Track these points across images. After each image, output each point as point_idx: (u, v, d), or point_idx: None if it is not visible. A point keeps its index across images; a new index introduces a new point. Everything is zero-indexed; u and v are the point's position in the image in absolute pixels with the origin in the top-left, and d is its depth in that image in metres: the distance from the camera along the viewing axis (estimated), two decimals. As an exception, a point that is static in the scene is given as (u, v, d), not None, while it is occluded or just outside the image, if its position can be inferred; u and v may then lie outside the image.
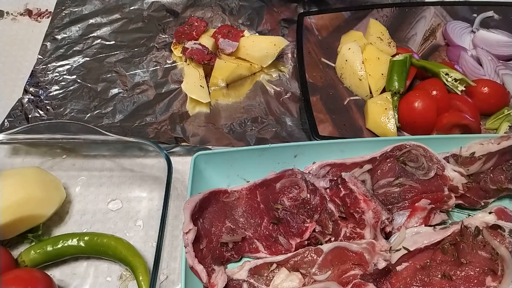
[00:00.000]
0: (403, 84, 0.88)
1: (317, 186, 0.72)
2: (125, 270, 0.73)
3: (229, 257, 0.71)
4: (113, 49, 1.02)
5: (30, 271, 0.67)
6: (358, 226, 0.70)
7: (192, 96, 0.93)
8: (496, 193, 0.76)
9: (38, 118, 0.90)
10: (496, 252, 0.65)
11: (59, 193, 0.77)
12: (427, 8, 1.04)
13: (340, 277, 0.65)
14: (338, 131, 0.87)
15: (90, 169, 0.85)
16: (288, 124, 0.90)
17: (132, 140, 0.77)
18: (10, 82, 1.00)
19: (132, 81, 0.97)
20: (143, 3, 1.10)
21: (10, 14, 1.13)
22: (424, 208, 0.72)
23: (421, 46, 1.02)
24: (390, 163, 0.76)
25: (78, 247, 0.71)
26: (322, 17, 1.02)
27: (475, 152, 0.75)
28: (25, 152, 0.87)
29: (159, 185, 0.82)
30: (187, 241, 0.65)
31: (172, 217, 0.78)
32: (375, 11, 1.03)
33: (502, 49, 0.97)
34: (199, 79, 0.94)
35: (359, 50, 0.93)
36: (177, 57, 1.01)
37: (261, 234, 0.73)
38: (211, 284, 0.65)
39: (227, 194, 0.75)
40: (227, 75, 0.94)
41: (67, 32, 1.05)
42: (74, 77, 0.97)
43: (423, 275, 0.67)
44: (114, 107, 0.92)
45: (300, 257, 0.68)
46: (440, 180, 0.73)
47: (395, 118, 0.86)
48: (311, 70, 0.95)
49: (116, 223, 0.79)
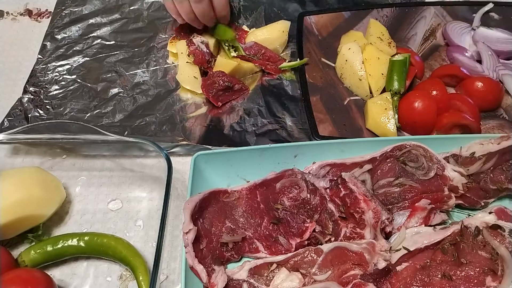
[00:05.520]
0: (403, 84, 0.88)
1: (317, 186, 0.72)
2: (125, 270, 0.73)
3: (229, 257, 0.71)
4: (113, 49, 1.02)
5: (30, 271, 0.67)
6: (358, 226, 0.70)
7: (186, 86, 0.93)
8: (496, 193, 0.76)
9: (38, 118, 0.90)
10: (496, 252, 0.65)
11: (59, 193, 0.77)
12: (427, 8, 1.04)
13: (340, 277, 0.65)
14: (338, 131, 0.87)
15: (90, 169, 0.85)
16: (288, 124, 0.90)
17: (132, 140, 0.77)
18: (10, 82, 1.00)
19: (132, 81, 0.97)
20: (143, 3, 1.10)
21: (10, 14, 1.13)
22: (424, 208, 0.72)
23: (421, 46, 1.02)
24: (390, 163, 0.76)
25: (78, 247, 0.71)
26: (322, 17, 1.02)
27: (475, 152, 0.75)
28: (25, 152, 0.87)
29: (159, 185, 0.82)
30: (187, 241, 0.65)
31: (172, 217, 0.78)
32: (375, 11, 1.03)
33: (502, 46, 0.97)
34: (194, 70, 0.94)
35: (359, 50, 0.93)
36: (173, 54, 1.01)
37: (261, 234, 0.73)
38: (211, 284, 0.65)
39: (227, 194, 0.75)
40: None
41: (67, 32, 1.05)
42: (74, 77, 0.97)
43: (423, 275, 0.67)
44: (114, 107, 0.92)
45: (300, 257, 0.68)
46: (440, 180, 0.73)
47: (395, 118, 0.86)
48: (311, 70, 0.95)
49: (116, 223, 0.79)
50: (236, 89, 0.93)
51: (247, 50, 0.96)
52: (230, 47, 0.97)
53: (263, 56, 0.97)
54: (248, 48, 0.97)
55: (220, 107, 0.93)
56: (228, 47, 0.97)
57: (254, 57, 0.97)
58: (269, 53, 0.97)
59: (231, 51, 0.96)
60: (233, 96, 0.94)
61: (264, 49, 0.97)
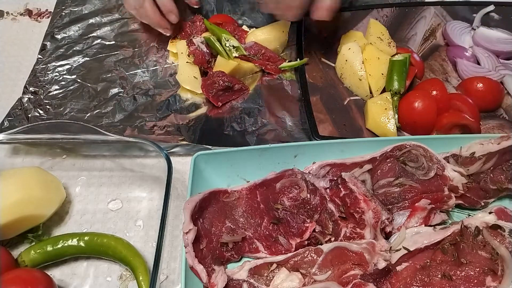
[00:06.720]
0: (403, 84, 0.88)
1: (317, 186, 0.72)
2: (125, 270, 0.73)
3: (229, 257, 0.71)
4: (113, 49, 1.02)
5: (30, 271, 0.67)
6: (358, 226, 0.70)
7: (186, 86, 0.93)
8: (496, 193, 0.76)
9: (38, 118, 0.90)
10: (496, 252, 0.65)
11: (59, 193, 0.77)
12: (427, 8, 1.04)
13: (340, 277, 0.65)
14: (338, 131, 0.87)
15: (90, 169, 0.85)
16: (288, 124, 0.90)
17: (132, 140, 0.77)
18: (10, 82, 1.00)
19: (132, 81, 0.97)
20: (143, 3, 1.10)
21: (10, 14, 1.13)
22: (424, 208, 0.72)
23: (421, 46, 1.02)
24: (390, 163, 0.76)
25: (78, 247, 0.71)
26: (322, 17, 1.02)
27: (475, 152, 0.75)
28: (25, 152, 0.87)
29: (159, 185, 0.82)
30: (187, 241, 0.65)
31: (172, 217, 0.78)
32: (375, 11, 1.03)
33: (502, 46, 0.97)
34: (194, 70, 0.94)
35: (359, 50, 0.93)
36: (173, 54, 1.01)
37: (261, 234, 0.73)
38: (211, 284, 0.65)
39: (227, 194, 0.75)
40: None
41: (67, 31, 1.05)
42: (74, 76, 0.97)
43: (423, 275, 0.67)
44: (114, 107, 0.92)
45: (300, 257, 0.68)
46: (440, 180, 0.73)
47: (395, 118, 0.86)
48: (311, 70, 0.95)
49: (116, 223, 0.79)
50: (236, 89, 0.93)
51: (247, 50, 0.96)
52: (231, 47, 0.97)
53: (263, 56, 0.97)
54: (248, 48, 0.97)
55: (220, 107, 0.93)
56: (229, 47, 0.97)
57: (254, 57, 0.96)
58: (269, 53, 0.97)
59: (232, 51, 0.97)
60: (233, 96, 0.94)
61: (264, 49, 0.97)
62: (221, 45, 0.94)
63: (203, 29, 1.00)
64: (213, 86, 0.90)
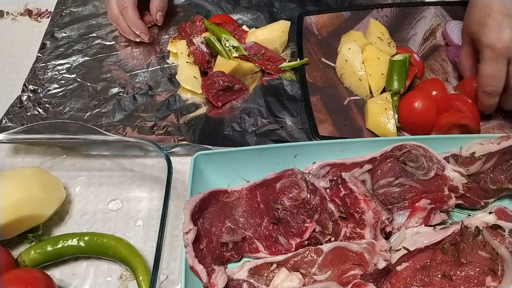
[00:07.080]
0: (403, 84, 0.88)
1: (317, 186, 0.72)
2: (125, 270, 0.73)
3: (229, 257, 0.71)
4: (113, 49, 1.02)
5: (30, 271, 0.67)
6: (358, 226, 0.70)
7: (186, 86, 0.93)
8: (496, 193, 0.76)
9: (37, 116, 0.90)
10: (496, 252, 0.65)
11: (59, 193, 0.77)
12: (427, 8, 1.04)
13: (340, 277, 0.65)
14: (338, 131, 0.87)
15: (90, 169, 0.85)
16: (288, 124, 0.90)
17: (132, 140, 0.77)
18: (10, 82, 1.00)
19: (132, 81, 0.97)
20: (143, 3, 1.11)
21: (10, 14, 1.13)
22: (424, 208, 0.72)
23: (421, 46, 1.02)
24: (390, 163, 0.76)
25: (78, 247, 0.71)
26: (322, 17, 1.02)
27: (475, 152, 0.75)
28: (25, 152, 0.87)
29: (159, 185, 0.82)
30: (187, 241, 0.65)
31: (172, 217, 0.78)
32: (375, 11, 1.03)
33: None
34: (194, 70, 0.94)
35: (359, 50, 0.93)
36: (173, 54, 1.00)
37: (261, 234, 0.73)
38: (211, 284, 0.65)
39: (227, 194, 0.75)
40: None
41: (67, 31, 1.05)
42: (74, 76, 0.97)
43: (423, 275, 0.67)
44: (113, 107, 0.92)
45: (300, 257, 0.68)
46: (440, 180, 0.73)
47: (395, 118, 0.86)
48: (311, 70, 0.95)
49: (116, 223, 0.79)
50: (236, 89, 0.93)
51: (247, 50, 0.96)
52: (231, 47, 0.97)
53: (263, 56, 0.97)
54: (248, 48, 0.97)
55: (220, 107, 0.93)
56: (229, 47, 0.97)
57: (254, 57, 0.96)
58: (269, 53, 0.97)
59: (232, 51, 0.96)
60: (233, 96, 0.94)
61: (264, 49, 0.97)
62: (221, 45, 0.94)
63: (203, 29, 0.99)
64: (213, 86, 0.90)
